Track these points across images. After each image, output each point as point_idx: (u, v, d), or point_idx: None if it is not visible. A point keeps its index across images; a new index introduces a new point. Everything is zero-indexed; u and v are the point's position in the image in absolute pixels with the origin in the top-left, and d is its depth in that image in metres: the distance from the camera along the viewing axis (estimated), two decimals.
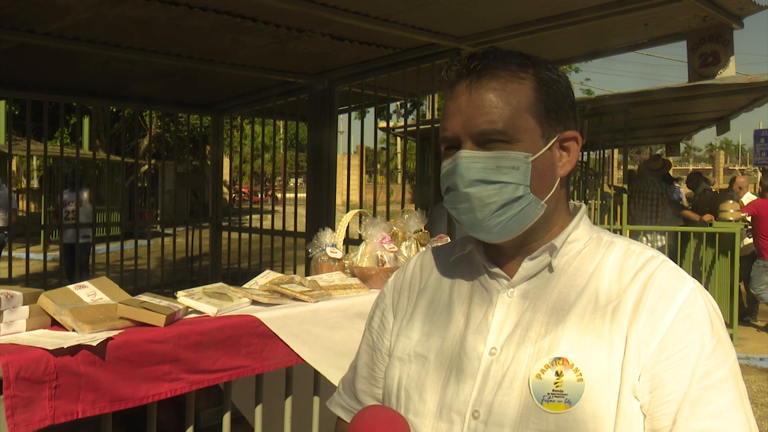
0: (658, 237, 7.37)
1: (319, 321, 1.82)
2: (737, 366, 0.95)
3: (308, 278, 2.06)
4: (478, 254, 1.08)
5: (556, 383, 0.92)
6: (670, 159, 10.58)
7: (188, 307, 1.63)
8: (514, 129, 0.97)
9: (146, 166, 15.41)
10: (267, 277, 2.05)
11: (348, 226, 2.40)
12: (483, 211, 0.98)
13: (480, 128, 0.97)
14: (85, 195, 8.46)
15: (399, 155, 25.69)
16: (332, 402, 1.27)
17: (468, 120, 0.98)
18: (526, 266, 1.02)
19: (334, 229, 2.35)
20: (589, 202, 8.00)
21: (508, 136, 0.97)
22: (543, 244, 1.03)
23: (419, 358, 1.06)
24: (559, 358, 0.93)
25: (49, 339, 1.32)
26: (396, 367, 1.09)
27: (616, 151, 8.95)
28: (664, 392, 0.90)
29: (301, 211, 6.28)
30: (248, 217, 7.10)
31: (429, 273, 1.16)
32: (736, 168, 35.64)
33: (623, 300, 0.95)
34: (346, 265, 2.25)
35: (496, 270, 1.05)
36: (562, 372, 0.92)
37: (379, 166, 14.41)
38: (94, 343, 1.30)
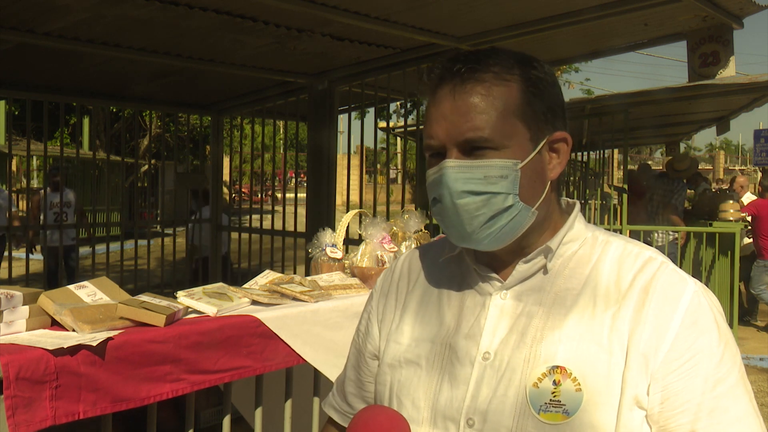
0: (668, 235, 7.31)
1: (319, 321, 1.82)
2: (743, 366, 0.93)
3: (308, 278, 2.06)
4: (468, 256, 1.04)
5: (553, 393, 0.89)
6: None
7: (188, 307, 1.63)
8: (501, 135, 0.93)
9: (146, 166, 15.40)
10: (267, 277, 2.05)
11: (348, 226, 2.40)
12: (472, 223, 0.95)
13: (465, 136, 0.93)
14: (71, 196, 8.22)
15: (399, 155, 25.68)
16: (326, 403, 1.26)
17: (453, 127, 0.94)
18: (521, 269, 0.99)
19: (334, 229, 2.35)
20: (589, 202, 7.98)
21: (495, 143, 0.93)
22: (536, 245, 1.00)
23: (410, 364, 1.03)
24: (557, 367, 0.90)
25: (49, 339, 1.32)
26: (387, 374, 1.06)
27: (616, 151, 8.93)
28: (676, 402, 0.88)
29: (301, 211, 6.28)
30: (248, 217, 7.10)
31: (417, 274, 1.12)
32: (736, 168, 35.64)
33: (623, 306, 0.92)
34: (346, 265, 2.25)
35: (488, 272, 1.02)
36: (560, 381, 0.90)
37: (379, 166, 14.40)
38: (94, 343, 1.30)
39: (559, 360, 0.91)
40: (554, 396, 0.89)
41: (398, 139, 17.84)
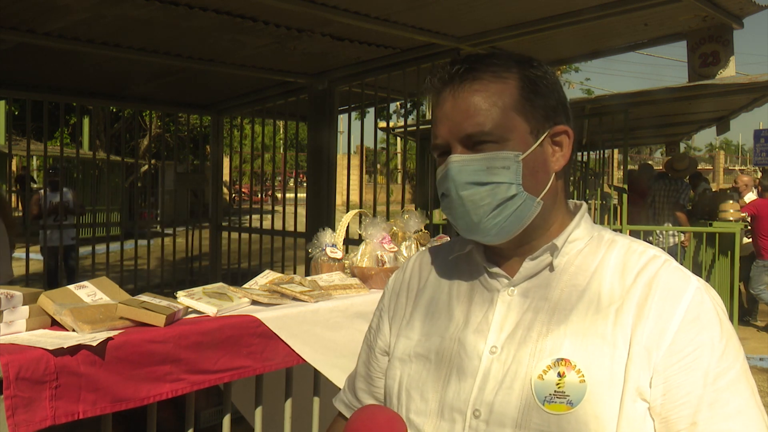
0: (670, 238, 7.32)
1: (319, 321, 1.82)
2: (746, 362, 0.94)
3: (308, 278, 2.06)
4: (478, 254, 1.08)
5: (558, 384, 0.92)
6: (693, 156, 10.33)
7: (188, 307, 1.63)
8: (502, 129, 0.97)
9: (146, 166, 15.39)
10: (267, 277, 2.05)
11: (348, 226, 2.40)
12: (477, 213, 0.98)
13: (466, 131, 0.97)
14: (70, 196, 8.16)
15: (399, 155, 25.69)
16: (336, 398, 1.29)
17: (455, 125, 0.98)
18: (527, 266, 1.02)
19: (334, 229, 2.35)
20: (589, 202, 7.98)
21: (496, 137, 0.97)
22: (542, 242, 1.02)
23: (420, 358, 1.06)
24: (562, 359, 0.93)
25: (49, 339, 1.32)
26: (396, 368, 1.09)
27: (616, 151, 8.94)
28: (677, 395, 0.90)
29: (301, 211, 6.29)
30: (248, 217, 7.10)
31: (428, 273, 1.16)
32: (736, 168, 35.63)
33: (626, 301, 0.94)
34: (346, 265, 2.25)
35: (496, 269, 1.05)
36: (564, 373, 0.92)
37: (379, 166, 14.41)
38: (94, 343, 1.30)
39: (564, 353, 0.93)
40: (559, 387, 0.92)
41: (398, 139, 17.85)
